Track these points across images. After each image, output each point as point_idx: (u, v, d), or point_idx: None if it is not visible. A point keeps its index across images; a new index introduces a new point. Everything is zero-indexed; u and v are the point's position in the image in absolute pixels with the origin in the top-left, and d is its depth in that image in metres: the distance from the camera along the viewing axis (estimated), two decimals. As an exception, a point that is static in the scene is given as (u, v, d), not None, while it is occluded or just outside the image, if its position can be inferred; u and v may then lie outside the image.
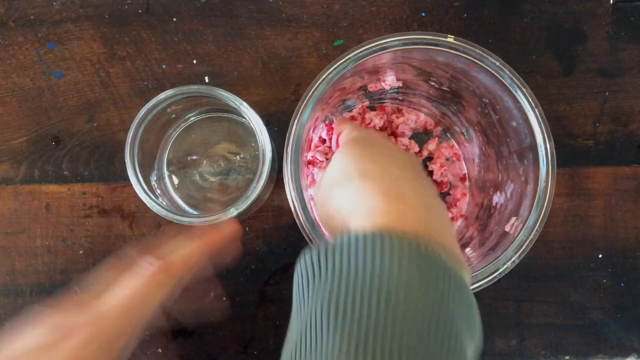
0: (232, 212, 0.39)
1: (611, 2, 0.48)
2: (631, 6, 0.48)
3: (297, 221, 0.35)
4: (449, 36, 0.36)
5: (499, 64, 0.36)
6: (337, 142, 0.35)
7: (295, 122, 0.36)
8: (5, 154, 0.48)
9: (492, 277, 0.35)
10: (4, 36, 0.48)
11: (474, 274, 0.35)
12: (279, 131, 0.47)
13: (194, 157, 0.47)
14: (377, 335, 0.21)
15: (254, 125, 0.40)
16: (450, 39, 0.36)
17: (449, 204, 0.47)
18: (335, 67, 0.36)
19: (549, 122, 0.36)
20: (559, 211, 0.47)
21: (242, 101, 0.40)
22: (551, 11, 0.48)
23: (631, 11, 0.48)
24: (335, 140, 0.37)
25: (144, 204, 0.39)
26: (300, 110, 0.36)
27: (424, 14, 0.48)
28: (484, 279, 0.35)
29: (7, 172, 0.48)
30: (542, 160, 0.36)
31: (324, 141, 0.46)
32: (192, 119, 0.47)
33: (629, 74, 0.48)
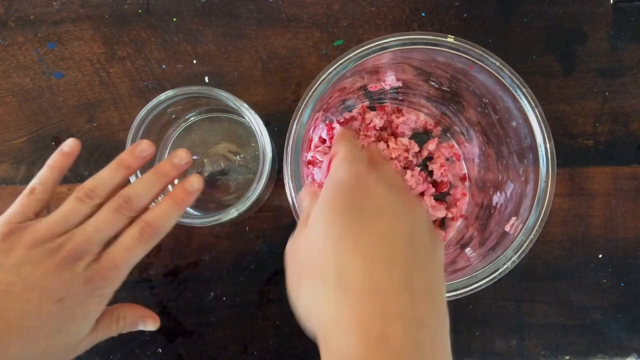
0: (232, 212, 0.39)
1: (611, 2, 0.49)
2: (631, 6, 0.48)
3: (297, 221, 0.35)
4: (449, 36, 0.36)
5: (499, 64, 0.36)
6: (329, 165, 0.29)
7: (295, 122, 0.36)
8: (5, 154, 0.48)
9: (492, 277, 0.35)
10: (4, 36, 0.48)
11: (474, 274, 0.35)
12: (279, 131, 0.47)
13: (194, 157, 0.47)
14: None
15: (254, 125, 0.40)
16: (450, 39, 0.36)
17: (449, 204, 0.47)
18: (335, 67, 0.36)
19: (549, 122, 0.36)
20: (559, 211, 0.47)
21: (242, 102, 0.40)
22: (551, 11, 0.48)
23: (631, 11, 0.49)
24: (327, 164, 0.30)
25: (144, 204, 0.39)
26: (300, 110, 0.36)
27: (424, 14, 0.48)
28: (484, 279, 0.35)
29: (7, 172, 0.48)
30: (542, 160, 0.36)
31: (324, 141, 0.46)
32: (192, 119, 0.47)
33: (629, 74, 0.48)
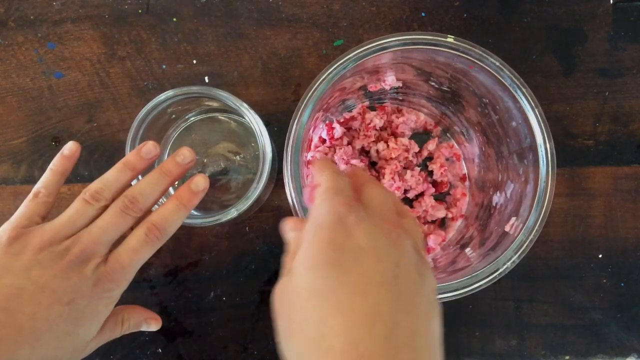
0: (232, 212, 0.39)
1: (611, 2, 0.48)
2: (631, 6, 0.48)
3: (297, 221, 0.35)
4: (449, 36, 0.36)
5: (498, 64, 0.36)
6: (311, 196, 0.28)
7: (295, 122, 0.36)
8: (5, 154, 0.48)
9: (492, 277, 0.35)
10: (4, 36, 0.48)
11: (474, 274, 0.35)
12: (279, 131, 0.47)
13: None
14: None
15: (254, 125, 0.40)
16: (450, 39, 0.36)
17: (449, 204, 0.47)
18: (335, 67, 0.36)
19: (549, 122, 0.36)
20: (559, 211, 0.47)
21: (242, 102, 0.40)
22: (551, 11, 0.48)
23: (631, 11, 0.48)
24: (308, 194, 0.29)
25: (144, 204, 0.39)
26: (300, 110, 0.36)
27: (424, 14, 0.48)
28: (484, 279, 0.35)
29: (7, 172, 0.48)
30: (542, 160, 0.36)
31: (324, 141, 0.46)
32: (192, 119, 0.47)
33: (629, 74, 0.48)
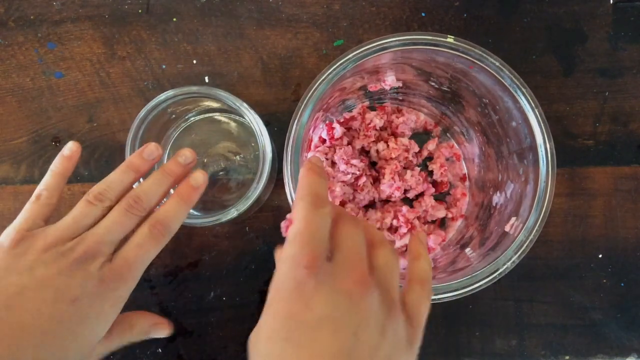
0: (232, 212, 0.39)
1: (611, 2, 0.48)
2: (631, 6, 0.48)
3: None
4: (449, 36, 0.36)
5: (498, 64, 0.36)
6: (287, 230, 0.28)
7: (295, 122, 0.36)
8: (5, 154, 0.48)
9: (492, 277, 0.35)
10: (4, 36, 0.48)
11: (474, 274, 0.35)
12: (279, 131, 0.47)
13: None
14: None
15: (254, 125, 0.40)
16: (450, 39, 0.36)
17: (449, 204, 0.47)
18: (335, 67, 0.36)
19: (549, 122, 0.36)
20: (559, 211, 0.47)
21: (242, 101, 0.40)
22: (551, 11, 0.48)
23: (631, 11, 0.48)
24: (285, 228, 0.29)
25: (144, 204, 0.39)
26: (300, 110, 0.36)
27: (424, 14, 0.48)
28: (484, 279, 0.35)
29: (7, 172, 0.48)
30: (542, 160, 0.36)
31: (324, 141, 0.46)
32: (192, 119, 0.47)
33: (629, 74, 0.48)
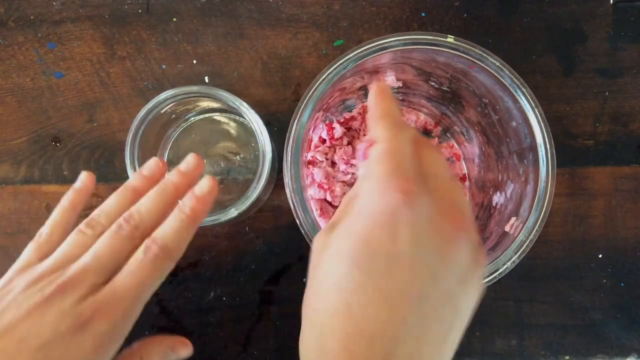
0: (232, 212, 0.39)
1: (611, 2, 0.48)
2: (631, 6, 0.48)
3: (297, 221, 0.35)
4: (449, 36, 0.36)
5: (499, 64, 0.36)
6: (365, 155, 0.25)
7: (295, 122, 0.36)
8: (5, 154, 0.48)
9: (492, 277, 0.35)
10: (4, 36, 0.48)
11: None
12: (279, 131, 0.47)
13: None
14: None
15: (254, 125, 0.40)
16: (450, 39, 0.36)
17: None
18: (335, 67, 0.36)
19: (549, 122, 0.36)
20: (559, 211, 0.47)
21: (242, 101, 0.40)
22: (551, 11, 0.48)
23: (631, 11, 0.48)
24: (363, 152, 0.25)
25: (144, 204, 0.39)
26: (300, 110, 0.36)
27: (424, 14, 0.48)
28: (484, 279, 0.35)
29: (7, 172, 0.48)
30: (542, 160, 0.36)
31: (324, 141, 0.46)
32: (192, 119, 0.47)
33: (629, 74, 0.48)
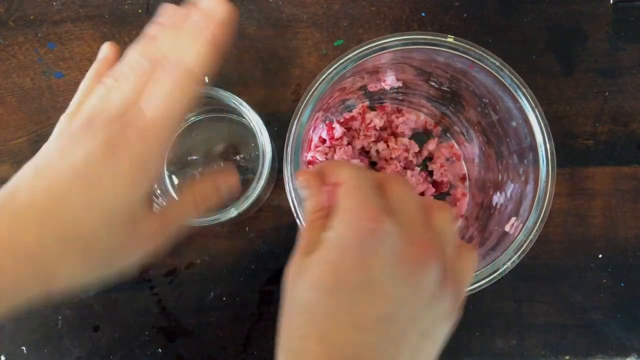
0: (232, 212, 0.39)
1: (611, 2, 0.48)
2: (631, 6, 0.48)
3: (297, 221, 0.35)
4: (449, 36, 0.36)
5: (498, 64, 0.36)
6: (331, 197, 0.24)
7: (295, 122, 0.36)
8: (5, 154, 0.48)
9: (492, 277, 0.35)
10: (4, 36, 0.48)
11: (474, 274, 0.35)
12: (279, 131, 0.47)
13: (194, 157, 0.47)
14: None
15: (254, 125, 0.40)
16: (450, 39, 0.36)
17: (449, 204, 0.47)
18: (335, 67, 0.36)
19: (549, 122, 0.36)
20: (559, 211, 0.47)
21: (242, 101, 0.40)
22: (551, 11, 0.48)
23: (631, 11, 0.48)
24: (327, 195, 0.25)
25: (144, 204, 0.39)
26: (300, 110, 0.36)
27: (424, 14, 0.48)
28: (484, 279, 0.35)
29: (7, 172, 0.48)
30: (542, 160, 0.36)
31: (324, 141, 0.46)
32: (192, 119, 0.47)
33: (629, 74, 0.48)
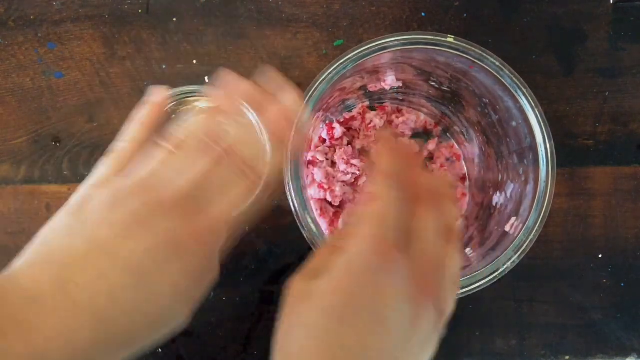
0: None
1: (611, 2, 0.48)
2: (631, 6, 0.48)
3: (297, 221, 0.35)
4: (449, 36, 0.36)
5: (498, 64, 0.36)
6: (363, 202, 0.23)
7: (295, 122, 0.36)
8: (5, 154, 0.48)
9: (492, 277, 0.35)
10: (4, 36, 0.48)
11: (474, 274, 0.35)
12: (279, 131, 0.47)
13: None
14: None
15: (254, 125, 0.40)
16: (450, 39, 0.36)
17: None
18: (335, 67, 0.36)
19: (549, 122, 0.36)
20: (559, 211, 0.47)
21: (242, 101, 0.40)
22: (551, 11, 0.48)
23: (631, 11, 0.48)
24: (363, 200, 0.24)
25: (144, 204, 0.39)
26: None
27: (424, 14, 0.48)
28: (484, 279, 0.35)
29: (7, 172, 0.48)
30: (542, 160, 0.36)
31: (324, 141, 0.46)
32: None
33: (629, 74, 0.48)
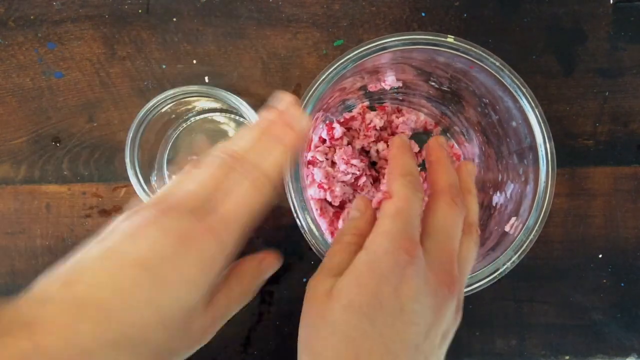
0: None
1: (611, 2, 0.48)
2: (631, 6, 0.48)
3: (297, 221, 0.35)
4: (449, 36, 0.36)
5: (499, 64, 0.36)
6: (380, 204, 0.27)
7: (295, 122, 0.36)
8: (5, 154, 0.48)
9: (492, 277, 0.35)
10: (4, 36, 0.48)
11: (474, 274, 0.35)
12: (279, 131, 0.47)
13: (194, 157, 0.47)
14: None
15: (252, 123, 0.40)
16: (450, 39, 0.36)
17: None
18: (335, 67, 0.36)
19: (549, 122, 0.36)
20: (559, 211, 0.47)
21: (242, 101, 0.40)
22: (551, 11, 0.48)
23: (631, 11, 0.48)
24: (377, 201, 0.29)
25: (144, 204, 0.39)
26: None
27: (424, 14, 0.48)
28: (484, 279, 0.35)
29: (7, 172, 0.48)
30: (542, 160, 0.36)
31: (324, 141, 0.46)
32: (192, 119, 0.47)
33: (629, 74, 0.48)
